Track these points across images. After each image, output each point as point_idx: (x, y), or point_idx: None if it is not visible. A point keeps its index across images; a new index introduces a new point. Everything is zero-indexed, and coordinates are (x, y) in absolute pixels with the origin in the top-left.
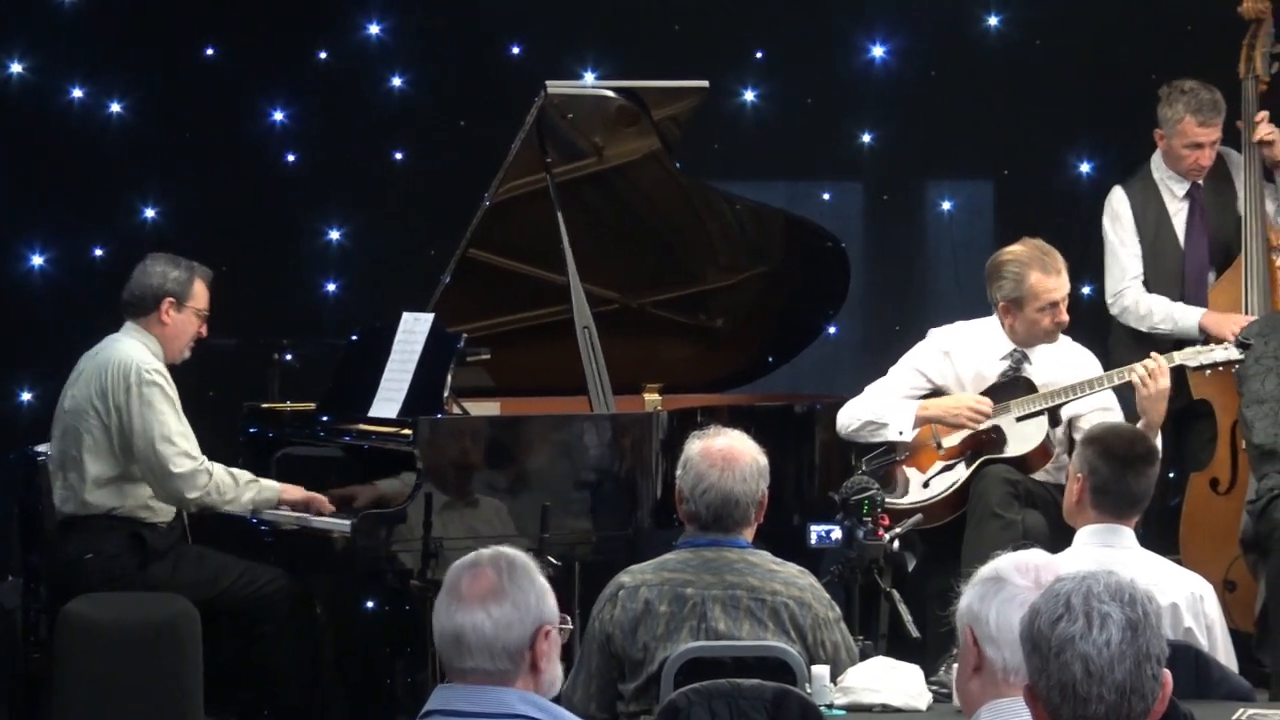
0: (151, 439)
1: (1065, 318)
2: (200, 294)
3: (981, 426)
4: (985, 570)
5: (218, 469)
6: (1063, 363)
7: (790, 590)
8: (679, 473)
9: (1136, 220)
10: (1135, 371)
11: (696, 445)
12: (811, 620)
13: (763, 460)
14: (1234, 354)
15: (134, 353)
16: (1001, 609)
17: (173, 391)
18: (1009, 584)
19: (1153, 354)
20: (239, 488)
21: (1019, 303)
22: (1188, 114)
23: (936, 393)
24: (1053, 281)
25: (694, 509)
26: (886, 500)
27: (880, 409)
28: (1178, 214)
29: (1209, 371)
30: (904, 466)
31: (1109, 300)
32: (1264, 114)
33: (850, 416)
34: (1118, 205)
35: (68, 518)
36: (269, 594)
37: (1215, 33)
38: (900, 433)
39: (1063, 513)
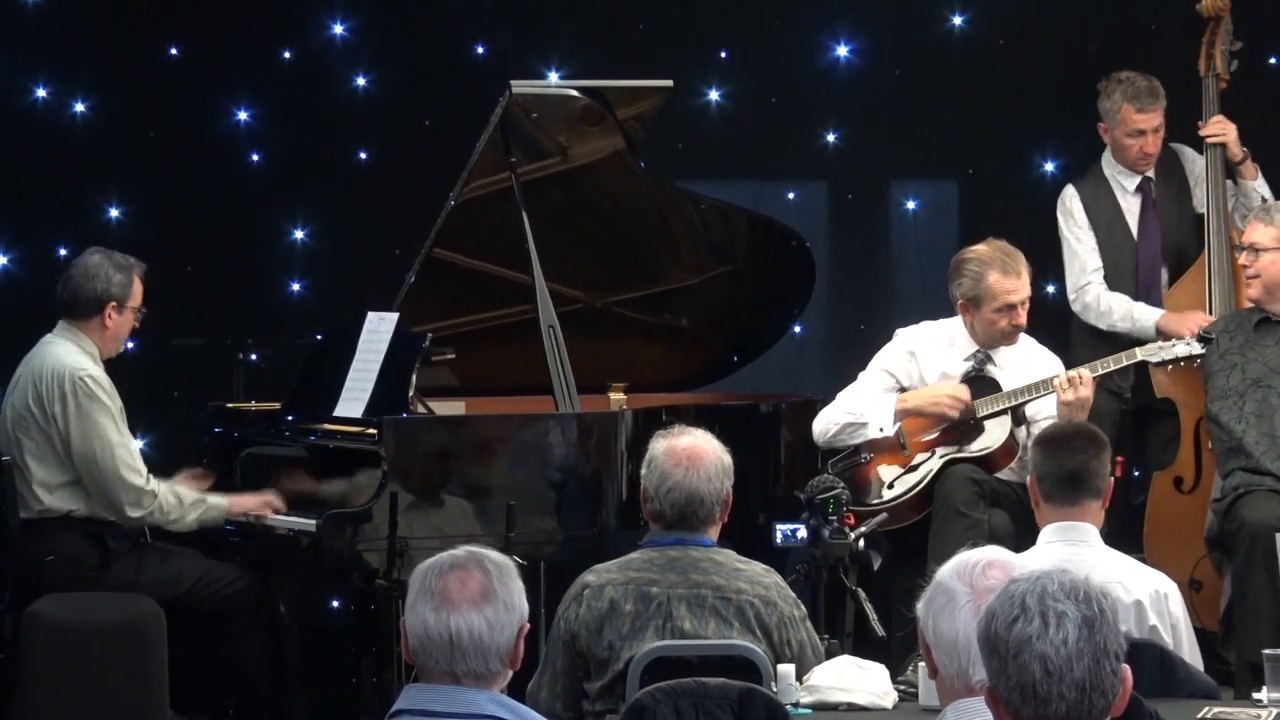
0: (91, 453)
1: (1023, 320)
2: (138, 291)
3: (956, 419)
4: (937, 574)
5: (163, 489)
6: (1026, 363)
7: (755, 589)
8: (644, 472)
9: (1089, 215)
10: (1057, 377)
11: (661, 444)
12: (777, 619)
13: (727, 459)
14: (1196, 349)
15: (68, 358)
16: (939, 617)
17: (111, 400)
18: (946, 590)
19: (1079, 370)
20: (183, 508)
21: (976, 302)
22: (1125, 102)
23: (905, 392)
24: (1011, 283)
25: (659, 508)
26: (852, 501)
27: (857, 408)
28: (1130, 208)
29: (1171, 367)
30: (869, 467)
31: (1071, 297)
32: (1220, 116)
33: (827, 421)
34: (1070, 202)
35: (28, 520)
36: (233, 593)
37: (1177, 31)
38: (881, 429)
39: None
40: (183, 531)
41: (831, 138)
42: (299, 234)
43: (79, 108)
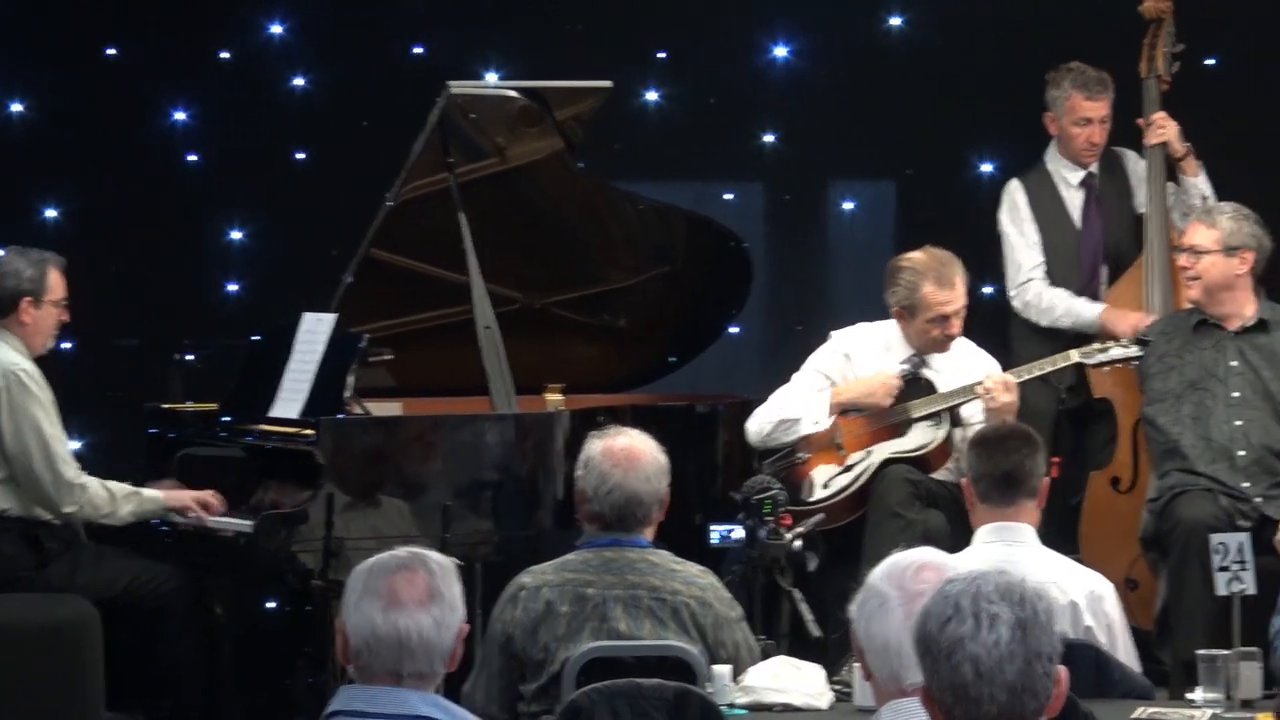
0: (24, 447)
1: (956, 330)
2: (57, 284)
3: (891, 420)
4: (868, 577)
5: (93, 483)
6: (962, 365)
7: (691, 590)
8: (579, 473)
9: (1033, 210)
10: (983, 384)
11: (597, 445)
12: (712, 620)
13: (663, 458)
14: (1133, 351)
15: None
16: (870, 621)
17: (43, 392)
18: (878, 593)
19: (1004, 375)
20: (116, 501)
21: (911, 310)
22: (1074, 89)
23: None
24: (945, 294)
25: (598, 509)
26: (788, 501)
27: (791, 406)
28: (1073, 202)
29: (1108, 369)
30: (805, 468)
31: (1011, 294)
32: (1161, 113)
33: (762, 421)
34: (1014, 195)
35: None
36: (168, 594)
37: (1117, 33)
38: (816, 422)
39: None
40: (117, 525)
41: (769, 138)
42: (236, 234)
43: (16, 108)
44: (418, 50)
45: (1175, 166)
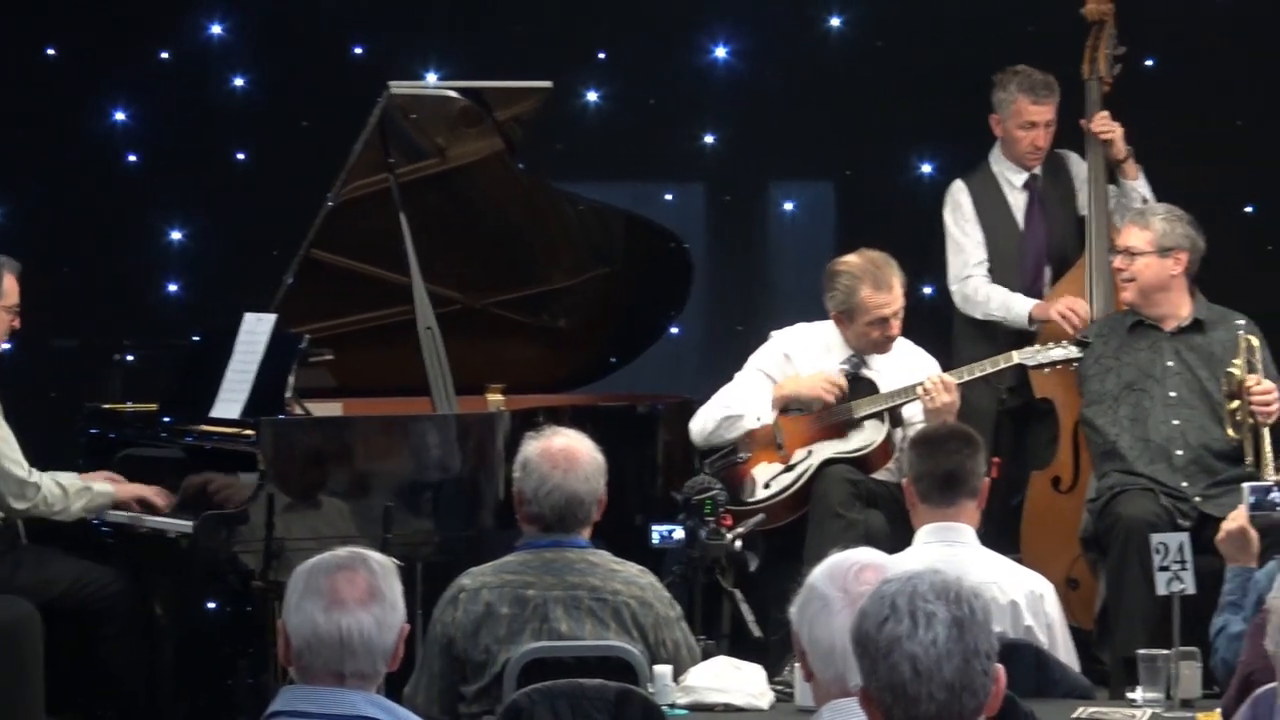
0: None
1: (895, 332)
2: (10, 289)
3: (836, 418)
4: (809, 577)
5: (45, 480)
6: (903, 364)
7: (631, 590)
8: (517, 475)
9: (977, 210)
10: (923, 385)
11: (535, 446)
12: (653, 619)
13: (600, 458)
14: (1073, 352)
15: None
16: (813, 622)
17: None
18: (819, 594)
19: (941, 374)
20: (68, 498)
21: (850, 314)
22: (1020, 93)
23: None
24: (883, 298)
25: (537, 510)
26: (729, 500)
27: (734, 403)
28: (1017, 204)
29: (1048, 370)
30: (746, 468)
31: (952, 289)
32: (1105, 114)
33: (705, 419)
34: (958, 195)
35: None
36: (109, 595)
37: (1058, 34)
38: (759, 418)
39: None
40: (67, 521)
41: (709, 139)
42: (176, 235)
43: None
44: (358, 50)
45: (1116, 169)
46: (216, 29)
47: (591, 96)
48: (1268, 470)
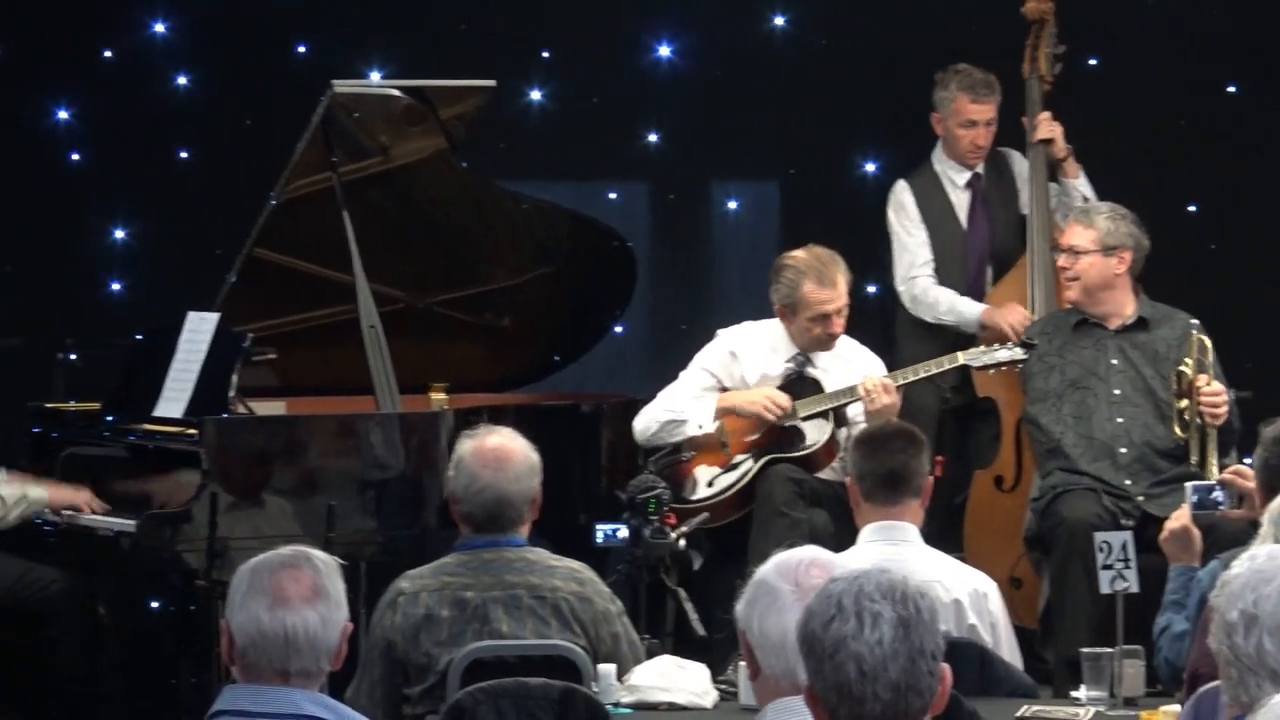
0: None
1: (837, 330)
2: None
3: (786, 422)
4: (757, 574)
5: None
6: (848, 364)
7: (569, 586)
8: (450, 474)
9: (920, 209)
10: (863, 386)
11: (468, 445)
12: (592, 615)
13: (535, 457)
14: (1018, 354)
15: None
16: (764, 616)
17: None
18: (771, 589)
19: (881, 376)
20: (6, 507)
21: (792, 309)
22: (960, 91)
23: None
24: (825, 294)
25: (468, 510)
26: (673, 499)
27: (678, 406)
28: (960, 203)
29: (992, 371)
30: (691, 466)
31: (900, 289)
32: (1046, 113)
33: (649, 419)
34: (901, 195)
35: None
36: (51, 595)
37: (999, 33)
38: (700, 425)
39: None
40: (3, 530)
41: (653, 138)
42: (119, 233)
43: None
44: (301, 49)
45: (1057, 168)
46: (159, 27)
47: (535, 95)
48: (1211, 471)
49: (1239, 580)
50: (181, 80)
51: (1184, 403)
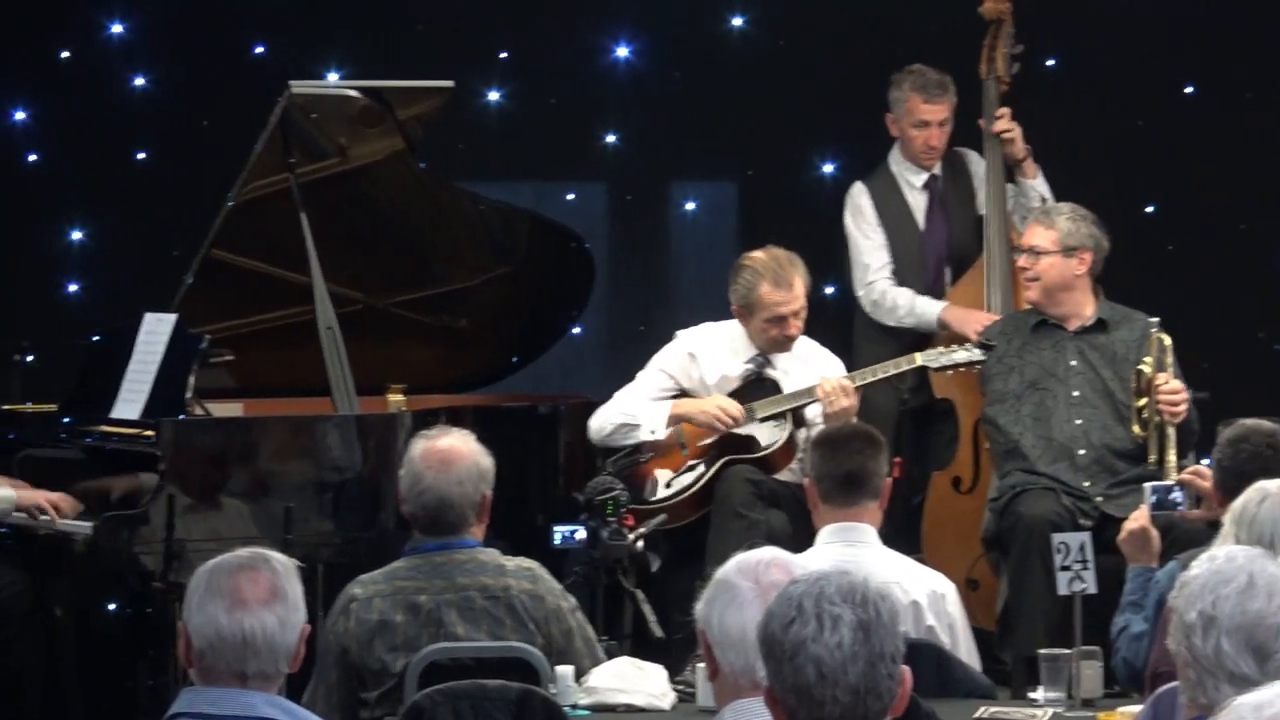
0: None
1: (794, 332)
2: None
3: (737, 430)
4: (717, 573)
5: None
6: (808, 364)
7: (521, 584)
8: (401, 473)
9: (878, 212)
10: (820, 387)
11: (419, 446)
12: (544, 613)
13: (485, 462)
14: (976, 355)
15: None
16: (724, 613)
17: None
18: (730, 586)
19: (840, 378)
20: None
21: (749, 310)
22: (913, 92)
23: (684, 394)
24: (781, 295)
25: (411, 510)
26: (631, 501)
27: (632, 410)
28: (917, 205)
29: (951, 372)
30: (649, 468)
31: (859, 293)
32: (1005, 110)
33: (603, 420)
34: (858, 198)
35: None
36: (7, 598)
37: (957, 33)
38: (653, 431)
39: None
40: None
41: (611, 138)
42: (77, 234)
43: None
44: (259, 50)
45: (1015, 168)
46: (117, 28)
47: (493, 96)
48: (1170, 470)
49: (1198, 581)
50: (139, 81)
51: (1143, 401)
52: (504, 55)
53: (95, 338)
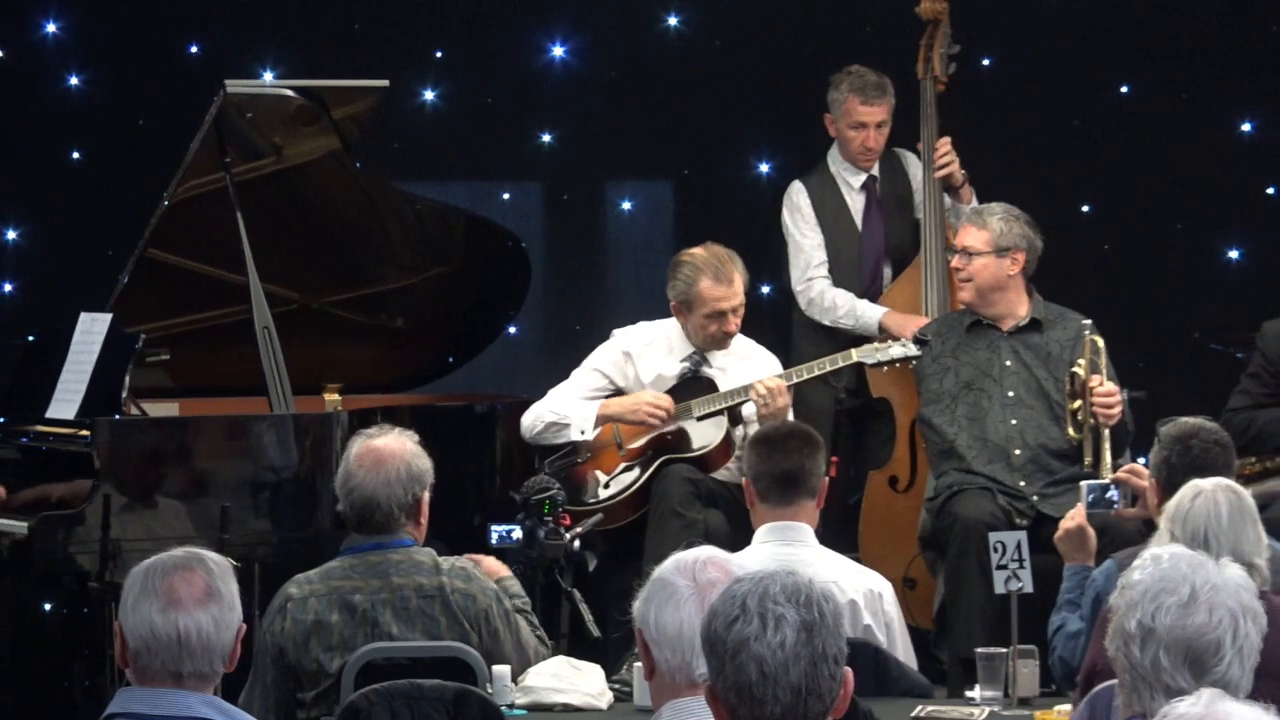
0: None
1: (733, 328)
2: None
3: (666, 428)
4: (655, 572)
5: None
6: (746, 362)
7: (455, 584)
8: (338, 471)
9: (816, 211)
10: (755, 389)
11: (357, 444)
12: (475, 613)
13: (419, 464)
14: (911, 350)
15: None
16: (661, 611)
17: None
18: (667, 585)
19: (780, 377)
20: None
21: (688, 305)
22: (851, 93)
23: (619, 394)
24: (721, 291)
25: (342, 508)
26: (567, 500)
27: (562, 409)
28: (855, 205)
29: (886, 368)
30: (586, 467)
31: (797, 290)
32: (945, 139)
33: (534, 418)
34: (797, 197)
35: None
36: None
37: (894, 33)
38: (582, 432)
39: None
40: None
41: (547, 138)
42: (11, 234)
43: None
44: (194, 49)
45: (951, 193)
46: (51, 27)
47: (429, 95)
48: (1106, 471)
49: (1139, 587)
50: (74, 80)
51: (1077, 403)
52: (439, 54)
53: (30, 338)
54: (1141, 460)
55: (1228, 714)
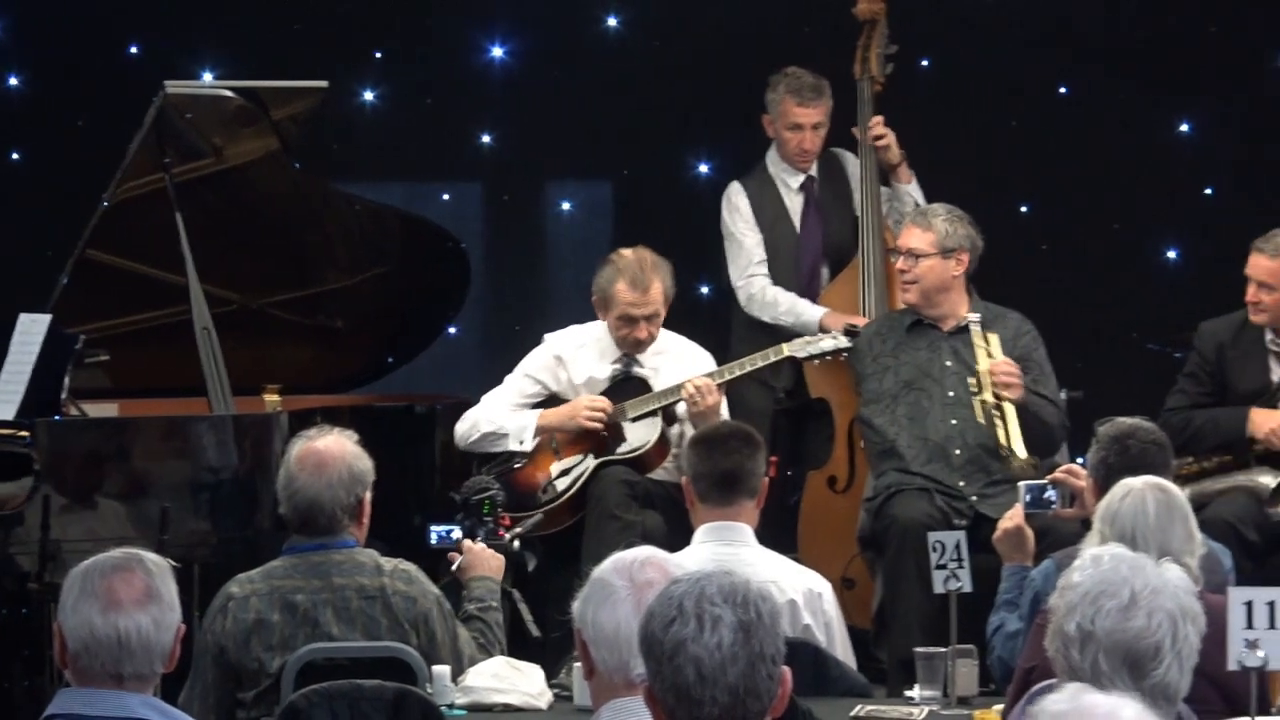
0: None
1: (643, 336)
2: None
3: (616, 419)
4: (593, 572)
5: None
6: (679, 361)
7: (396, 585)
8: (280, 472)
9: (754, 212)
10: (685, 388)
11: (298, 446)
12: (414, 615)
13: (360, 465)
14: (843, 342)
15: None
16: (599, 611)
17: None
18: (605, 585)
19: (710, 375)
20: None
21: (604, 305)
22: (787, 95)
23: (553, 398)
24: (634, 296)
25: (284, 510)
26: (507, 501)
27: (499, 419)
28: (793, 206)
29: (818, 362)
30: (524, 471)
31: (737, 286)
32: (879, 118)
33: (469, 427)
34: (735, 197)
35: None
36: None
37: (831, 33)
38: (521, 442)
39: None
40: None
41: (486, 138)
42: None
43: None
44: (133, 49)
45: (890, 173)
46: None
47: (368, 96)
48: (1018, 456)
49: (1079, 589)
50: (12, 81)
51: (983, 395)
52: (379, 55)
53: None
54: (1079, 460)
55: (1093, 704)
